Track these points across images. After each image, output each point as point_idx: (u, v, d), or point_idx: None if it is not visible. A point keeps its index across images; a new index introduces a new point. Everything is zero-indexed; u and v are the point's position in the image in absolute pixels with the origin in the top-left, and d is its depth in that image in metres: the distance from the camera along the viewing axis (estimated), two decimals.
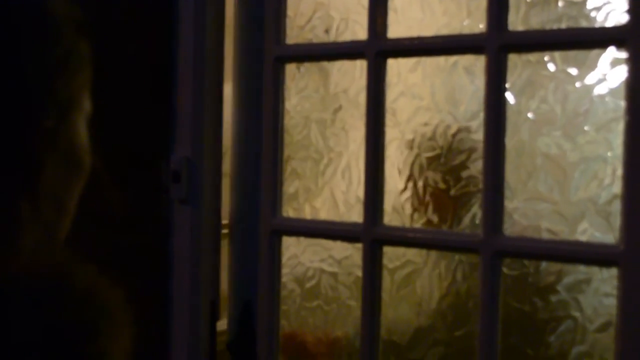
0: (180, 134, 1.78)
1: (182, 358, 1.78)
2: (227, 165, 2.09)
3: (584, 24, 1.34)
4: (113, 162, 1.93)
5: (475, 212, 1.40)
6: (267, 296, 1.63)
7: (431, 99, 1.51)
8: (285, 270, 1.66)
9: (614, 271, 1.21)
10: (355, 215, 1.53)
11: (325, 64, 1.65)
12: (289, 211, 1.66)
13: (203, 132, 1.75)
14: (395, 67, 1.51)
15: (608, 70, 1.29)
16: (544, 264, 1.38)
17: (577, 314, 1.36)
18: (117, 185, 1.94)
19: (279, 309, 1.64)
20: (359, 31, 1.52)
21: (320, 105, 1.67)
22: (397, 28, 1.46)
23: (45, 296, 0.58)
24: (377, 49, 1.44)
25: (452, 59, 1.47)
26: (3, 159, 0.58)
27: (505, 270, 1.35)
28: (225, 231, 2.10)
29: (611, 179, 1.29)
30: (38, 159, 0.61)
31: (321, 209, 1.66)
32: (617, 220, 1.21)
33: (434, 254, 1.51)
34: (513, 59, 1.32)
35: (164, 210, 1.81)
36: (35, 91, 0.60)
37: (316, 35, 1.66)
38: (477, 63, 1.38)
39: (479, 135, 1.35)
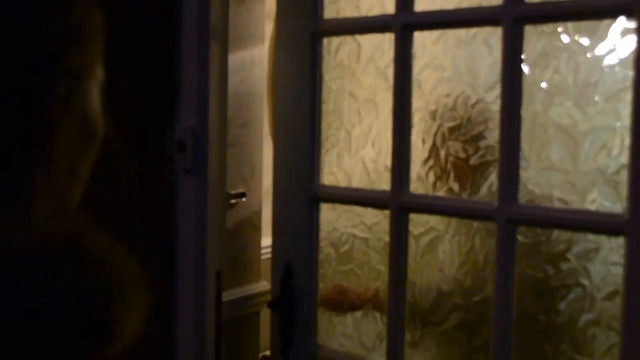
0: (185, 104, 1.77)
1: (189, 327, 1.79)
2: (230, 135, 2.10)
3: None
4: (118, 132, 1.93)
5: (493, 181, 1.40)
6: (306, 259, 1.70)
7: (453, 70, 1.52)
8: (322, 235, 1.70)
9: (621, 240, 1.21)
10: (385, 183, 1.56)
11: (357, 37, 1.66)
12: (325, 179, 1.69)
13: (208, 101, 1.74)
14: (421, 39, 1.52)
15: (618, 41, 1.28)
16: (555, 233, 1.39)
17: (586, 282, 1.37)
18: (123, 155, 1.93)
19: (317, 271, 1.70)
20: (388, 5, 1.54)
21: (353, 78, 1.69)
22: (423, 1, 1.49)
23: (59, 260, 0.58)
24: (403, 23, 1.48)
25: (472, 31, 1.48)
26: (17, 126, 0.57)
27: (520, 238, 1.37)
28: (233, 201, 2.12)
29: (619, 149, 1.29)
30: (51, 126, 0.59)
31: (354, 177, 1.69)
32: (624, 190, 1.21)
33: (454, 221, 1.53)
34: (529, 31, 1.32)
35: (169, 179, 1.81)
36: (49, 58, 0.58)
37: (349, 9, 1.68)
38: (494, 35, 1.38)
39: (496, 106, 1.35)
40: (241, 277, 2.23)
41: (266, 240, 2.65)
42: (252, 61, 2.21)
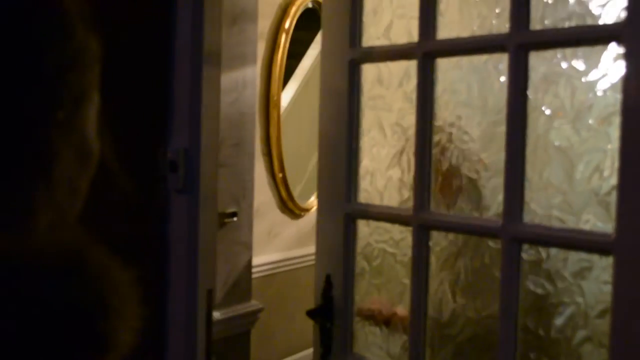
0: (177, 125, 1.79)
1: (180, 344, 1.79)
2: (222, 155, 2.11)
3: (589, 21, 1.37)
4: (112, 152, 1.94)
5: (500, 200, 1.45)
6: (344, 271, 1.80)
7: (467, 94, 1.59)
8: (357, 250, 1.81)
9: (611, 259, 1.24)
10: (411, 201, 1.66)
11: (388, 64, 1.75)
12: (361, 196, 1.80)
13: (200, 122, 1.76)
14: (442, 65, 1.61)
15: (610, 66, 1.32)
16: (553, 251, 1.45)
17: (580, 300, 1.40)
18: (117, 175, 1.95)
19: (354, 283, 1.80)
20: (415, 33, 1.63)
21: (384, 102, 1.77)
22: (444, 30, 1.58)
23: (59, 272, 0.60)
24: (425, 50, 1.58)
25: (483, 57, 1.55)
26: (20, 147, 0.60)
27: (524, 255, 1.43)
28: (222, 221, 2.13)
29: (610, 171, 1.32)
30: (52, 147, 0.65)
31: (385, 195, 1.79)
32: (614, 211, 1.24)
33: (468, 238, 1.60)
34: (532, 57, 1.38)
35: (162, 199, 1.82)
36: (50, 85, 0.63)
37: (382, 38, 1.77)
38: (502, 61, 1.45)
39: (503, 129, 1.41)
40: (232, 296, 2.24)
41: (257, 259, 2.66)
42: (244, 82, 2.23)
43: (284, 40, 2.82)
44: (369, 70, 1.78)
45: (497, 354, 1.43)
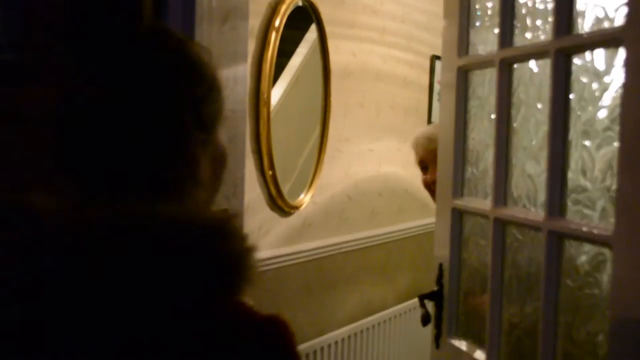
0: None
1: None
2: None
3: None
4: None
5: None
6: (450, 260, 1.98)
7: (535, 99, 1.71)
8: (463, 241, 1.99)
9: None
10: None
11: (486, 70, 1.90)
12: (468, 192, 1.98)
13: None
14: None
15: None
16: (586, 247, 1.52)
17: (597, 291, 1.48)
18: None
19: (460, 271, 1.98)
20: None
21: (486, 105, 1.90)
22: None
23: (208, 234, 0.93)
24: (502, 57, 1.73)
25: (540, 62, 1.67)
26: (176, 161, 0.97)
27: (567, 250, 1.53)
28: None
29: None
30: (197, 158, 1.00)
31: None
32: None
33: (529, 232, 1.70)
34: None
35: None
36: (192, 114, 0.99)
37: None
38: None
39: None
40: None
41: None
42: (235, 79, 2.23)
43: (274, 39, 2.83)
44: (474, 76, 1.94)
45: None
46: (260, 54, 2.79)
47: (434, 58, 4.18)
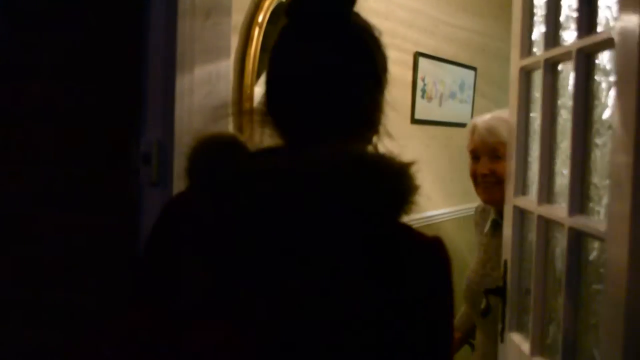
0: (150, 116, 1.78)
1: None
2: None
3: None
4: (82, 144, 1.93)
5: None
6: (512, 256, 2.03)
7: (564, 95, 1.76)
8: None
9: None
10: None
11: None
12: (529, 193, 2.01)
13: (174, 114, 1.76)
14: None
15: None
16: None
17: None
18: (87, 168, 1.93)
19: (520, 268, 2.02)
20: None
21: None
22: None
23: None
24: (546, 57, 1.75)
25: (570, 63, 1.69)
26: (373, 111, 1.22)
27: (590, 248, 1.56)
28: None
29: None
30: (381, 107, 1.26)
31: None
32: None
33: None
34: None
35: (134, 192, 1.81)
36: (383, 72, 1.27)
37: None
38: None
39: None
40: None
41: None
42: (218, 75, 2.22)
43: (257, 34, 2.81)
44: (534, 76, 1.95)
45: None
46: (244, 50, 2.78)
47: (418, 55, 4.18)
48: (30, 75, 2.00)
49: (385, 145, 1.25)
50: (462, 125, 5.03)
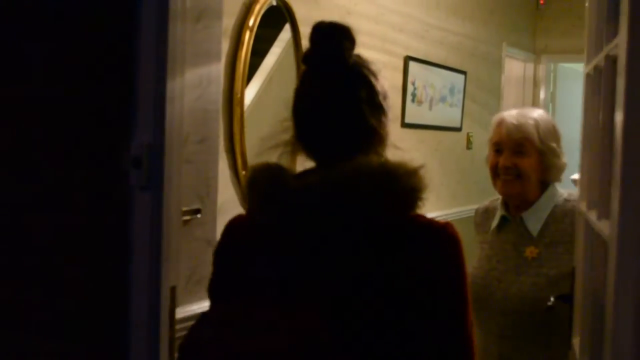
0: (141, 120, 1.78)
1: (142, 342, 1.79)
2: (186, 151, 2.10)
3: None
4: (73, 148, 1.93)
5: None
6: (575, 263, 2.05)
7: None
8: None
9: None
10: None
11: None
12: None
13: (164, 118, 1.75)
14: None
15: None
16: None
17: None
18: (77, 171, 1.93)
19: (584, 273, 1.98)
20: None
21: None
22: None
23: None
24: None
25: None
26: (379, 132, 1.52)
27: None
28: (186, 217, 2.12)
29: None
30: (387, 127, 1.54)
31: None
32: None
33: None
34: None
35: (124, 196, 1.81)
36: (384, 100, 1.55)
37: None
38: None
39: None
40: (195, 294, 2.23)
41: None
42: (209, 78, 2.22)
43: (248, 38, 2.82)
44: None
45: None
46: (234, 53, 2.78)
47: (408, 59, 4.20)
48: (20, 78, 2.00)
49: (394, 154, 1.53)
50: (452, 129, 5.07)
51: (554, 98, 6.99)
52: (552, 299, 2.22)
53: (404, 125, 4.29)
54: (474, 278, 2.50)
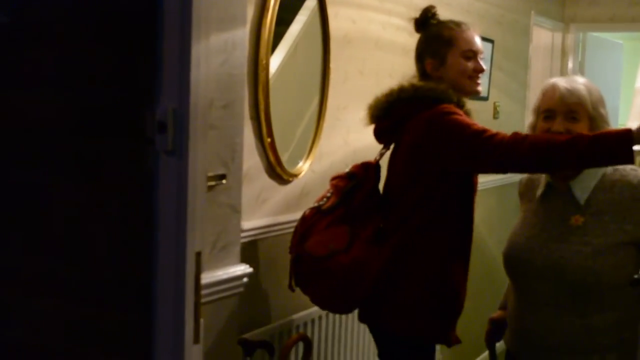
0: (166, 84, 1.76)
1: (168, 307, 1.79)
2: (211, 117, 2.09)
3: None
4: (98, 114, 1.93)
5: None
6: None
7: None
8: None
9: None
10: None
11: None
12: None
13: (189, 82, 1.74)
14: None
15: None
16: None
17: None
18: (103, 137, 1.93)
19: None
20: None
21: None
22: None
23: None
24: None
25: None
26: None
27: None
28: (211, 183, 2.11)
29: None
30: None
31: None
32: None
33: None
34: None
35: (150, 161, 1.81)
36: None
37: None
38: None
39: None
40: (221, 260, 2.23)
41: (245, 224, 2.65)
42: (234, 43, 2.20)
43: (273, 4, 2.79)
44: None
45: None
46: (259, 19, 2.76)
47: None
48: (44, 43, 1.99)
49: None
50: (478, 98, 5.01)
51: (582, 68, 6.88)
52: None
53: None
54: (514, 245, 2.49)
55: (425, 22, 2.76)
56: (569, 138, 2.27)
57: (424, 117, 2.56)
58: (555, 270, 2.33)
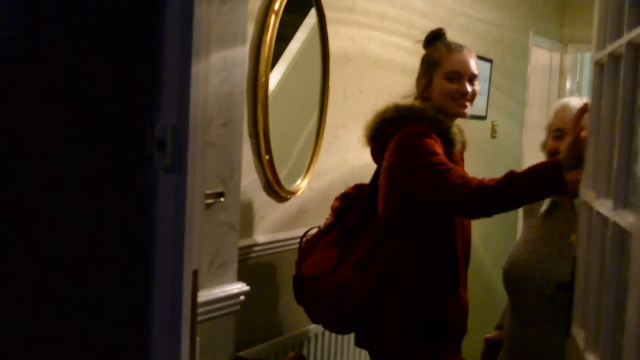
0: (165, 101, 1.77)
1: (164, 324, 1.78)
2: (210, 134, 2.09)
3: None
4: (97, 130, 1.93)
5: None
6: (584, 253, 2.00)
7: None
8: None
9: None
10: None
11: None
12: None
13: (189, 100, 1.74)
14: None
15: None
16: None
17: None
18: (102, 152, 1.93)
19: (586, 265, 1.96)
20: None
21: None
22: None
23: None
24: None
25: None
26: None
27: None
28: (209, 201, 2.11)
29: None
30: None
31: None
32: None
33: None
34: None
35: (148, 178, 1.80)
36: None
37: None
38: None
39: None
40: (218, 278, 2.22)
41: (243, 242, 2.64)
42: (234, 61, 2.21)
43: (273, 22, 2.80)
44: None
45: None
46: (259, 37, 2.77)
47: None
48: (45, 58, 1.99)
49: None
50: (476, 117, 5.02)
51: (580, 88, 6.90)
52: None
53: None
54: (515, 260, 2.49)
55: (428, 42, 2.76)
56: (500, 180, 2.23)
57: (397, 137, 2.53)
58: (553, 286, 2.32)
